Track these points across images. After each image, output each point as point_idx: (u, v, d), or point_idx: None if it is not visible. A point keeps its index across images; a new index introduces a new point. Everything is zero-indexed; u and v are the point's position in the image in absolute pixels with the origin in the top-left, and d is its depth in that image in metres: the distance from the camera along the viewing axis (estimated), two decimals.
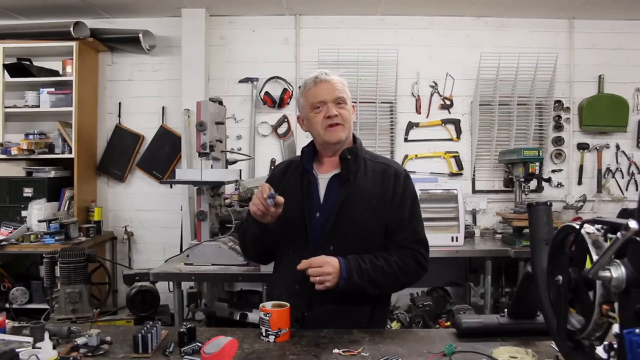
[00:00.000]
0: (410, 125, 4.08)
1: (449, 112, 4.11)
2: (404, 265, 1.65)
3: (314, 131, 1.72)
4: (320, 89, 1.69)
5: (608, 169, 4.09)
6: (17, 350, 1.25)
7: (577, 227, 1.05)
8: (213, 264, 2.74)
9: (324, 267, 1.55)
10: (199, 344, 1.43)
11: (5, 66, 3.78)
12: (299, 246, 1.67)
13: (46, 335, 1.35)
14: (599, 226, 1.04)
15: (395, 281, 1.66)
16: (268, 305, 1.58)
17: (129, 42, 3.96)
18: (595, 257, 0.99)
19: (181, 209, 3.89)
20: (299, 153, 1.88)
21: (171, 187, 4.00)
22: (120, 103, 4.16)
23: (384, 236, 1.70)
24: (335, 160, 1.74)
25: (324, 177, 1.73)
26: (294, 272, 1.60)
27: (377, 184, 1.70)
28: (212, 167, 2.95)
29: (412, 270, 1.66)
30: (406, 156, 4.09)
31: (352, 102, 1.78)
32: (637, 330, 0.88)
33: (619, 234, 0.90)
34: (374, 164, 1.75)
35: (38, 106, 3.85)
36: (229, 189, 3.25)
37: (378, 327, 1.72)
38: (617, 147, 4.08)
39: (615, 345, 0.97)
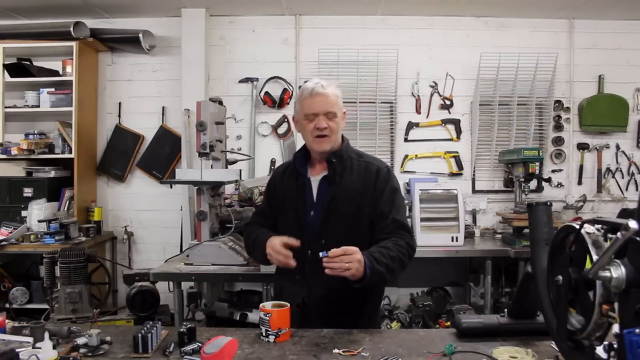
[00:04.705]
0: (410, 125, 4.08)
1: (449, 112, 4.11)
2: (400, 247, 1.76)
3: (305, 137, 1.90)
4: (315, 102, 1.82)
5: (608, 169, 4.09)
6: (17, 350, 1.25)
7: (577, 227, 1.05)
8: (213, 264, 2.74)
9: (355, 255, 1.60)
10: (199, 344, 1.43)
11: (5, 66, 3.78)
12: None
13: (46, 335, 1.35)
14: (599, 226, 1.04)
15: (399, 262, 1.74)
16: (268, 305, 1.59)
17: (129, 42, 3.95)
18: (595, 257, 0.99)
19: (181, 209, 3.89)
20: None
21: (171, 187, 3.99)
22: (120, 103, 4.16)
23: (369, 227, 1.84)
24: (324, 162, 1.90)
25: (315, 179, 1.90)
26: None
27: (360, 182, 1.86)
28: (212, 167, 2.95)
29: (405, 251, 1.78)
30: (406, 156, 4.09)
31: (344, 107, 1.94)
32: (637, 330, 0.88)
33: (619, 234, 0.90)
34: (359, 162, 1.91)
35: (38, 106, 3.84)
36: (229, 189, 3.25)
37: (373, 309, 1.90)
38: (617, 147, 4.07)
39: (615, 345, 0.97)
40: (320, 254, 1.60)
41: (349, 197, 1.83)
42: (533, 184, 3.59)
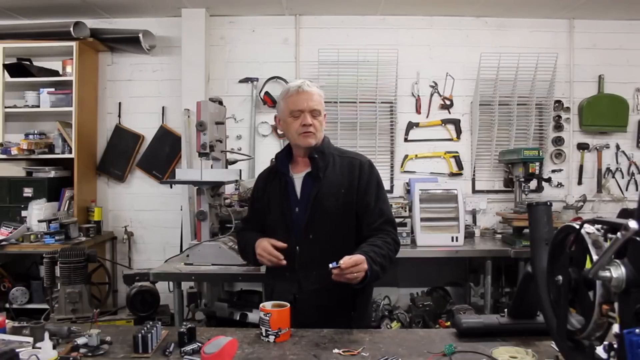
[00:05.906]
0: (410, 125, 4.08)
1: (449, 112, 4.11)
2: (388, 244, 1.83)
3: (290, 134, 1.92)
4: (301, 99, 1.86)
5: (608, 169, 4.09)
6: (17, 350, 1.25)
7: (577, 227, 1.05)
8: (213, 264, 2.74)
9: (363, 264, 1.66)
10: (199, 344, 1.43)
11: (5, 66, 3.78)
12: (285, 239, 1.86)
13: (46, 335, 1.35)
14: (599, 226, 1.04)
15: (389, 259, 1.81)
16: (268, 305, 1.59)
17: (129, 42, 3.95)
18: (595, 257, 0.99)
19: (181, 209, 3.89)
20: None
21: (171, 187, 3.99)
22: (120, 103, 4.16)
23: (355, 221, 1.89)
24: (306, 160, 1.93)
25: (298, 177, 1.93)
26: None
27: (344, 176, 1.90)
28: (212, 167, 2.95)
29: (393, 247, 1.85)
30: (406, 156, 4.09)
31: (325, 110, 1.98)
32: (637, 330, 0.88)
33: (619, 234, 0.90)
34: (342, 158, 1.95)
35: (38, 106, 3.84)
36: (229, 189, 3.25)
37: (365, 300, 1.94)
38: (617, 147, 4.07)
39: (615, 345, 0.97)
40: (330, 265, 1.63)
41: (333, 191, 1.87)
42: (533, 184, 3.59)
